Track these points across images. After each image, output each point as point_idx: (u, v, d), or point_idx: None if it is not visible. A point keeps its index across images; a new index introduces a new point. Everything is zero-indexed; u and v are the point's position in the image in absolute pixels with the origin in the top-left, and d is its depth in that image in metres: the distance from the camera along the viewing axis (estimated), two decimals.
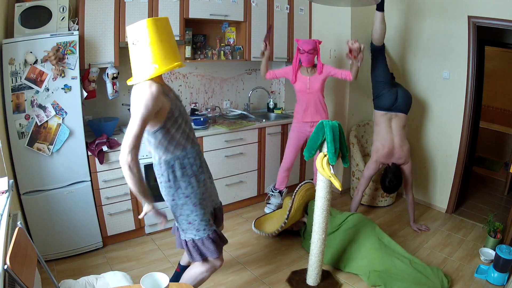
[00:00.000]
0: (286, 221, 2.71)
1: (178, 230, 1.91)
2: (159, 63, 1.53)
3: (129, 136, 1.49)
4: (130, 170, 1.49)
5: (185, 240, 1.82)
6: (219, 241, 1.86)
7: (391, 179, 3.04)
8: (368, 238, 2.60)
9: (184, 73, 3.53)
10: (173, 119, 1.64)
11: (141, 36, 1.52)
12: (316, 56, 3.07)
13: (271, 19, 3.62)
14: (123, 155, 1.48)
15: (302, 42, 3.02)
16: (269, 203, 3.50)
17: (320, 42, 3.04)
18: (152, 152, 1.73)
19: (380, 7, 2.84)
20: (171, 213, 1.82)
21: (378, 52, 3.03)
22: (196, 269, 1.88)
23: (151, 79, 1.55)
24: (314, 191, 2.95)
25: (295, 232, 3.02)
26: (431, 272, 2.43)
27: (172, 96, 1.67)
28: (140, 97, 1.51)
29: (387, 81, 3.03)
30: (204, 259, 1.83)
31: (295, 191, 2.80)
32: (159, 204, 2.89)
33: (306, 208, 2.94)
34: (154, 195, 1.73)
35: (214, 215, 1.96)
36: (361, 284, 2.44)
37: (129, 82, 1.62)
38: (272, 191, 3.46)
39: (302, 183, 2.85)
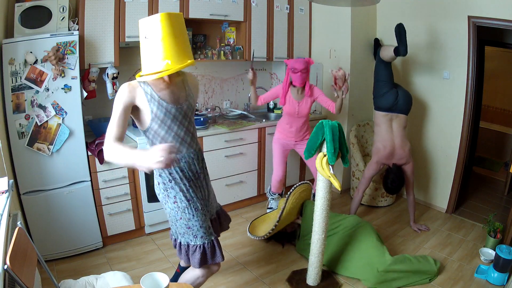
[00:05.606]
0: (277, 223, 2.61)
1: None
2: (171, 59, 1.48)
3: (108, 127, 1.53)
4: (115, 159, 1.48)
5: (180, 243, 1.79)
6: (216, 251, 1.81)
7: (393, 179, 3.04)
8: (364, 239, 2.56)
9: None
10: (159, 121, 1.61)
11: (153, 31, 1.47)
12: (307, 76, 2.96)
13: (271, 19, 3.62)
14: (105, 149, 1.50)
15: (293, 61, 2.88)
16: (270, 208, 3.47)
17: (312, 63, 2.92)
18: None
19: (397, 53, 2.89)
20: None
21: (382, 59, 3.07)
22: (193, 273, 1.84)
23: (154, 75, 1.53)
24: (310, 192, 2.91)
25: (289, 234, 2.95)
26: (422, 260, 2.53)
27: (164, 96, 1.61)
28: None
29: (388, 81, 3.04)
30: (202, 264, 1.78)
31: (289, 192, 2.70)
32: (156, 205, 2.91)
33: (302, 209, 2.87)
34: (154, 194, 1.71)
35: (218, 219, 1.96)
36: (361, 284, 2.44)
37: (138, 78, 1.59)
38: (272, 194, 3.42)
39: (298, 184, 2.76)
